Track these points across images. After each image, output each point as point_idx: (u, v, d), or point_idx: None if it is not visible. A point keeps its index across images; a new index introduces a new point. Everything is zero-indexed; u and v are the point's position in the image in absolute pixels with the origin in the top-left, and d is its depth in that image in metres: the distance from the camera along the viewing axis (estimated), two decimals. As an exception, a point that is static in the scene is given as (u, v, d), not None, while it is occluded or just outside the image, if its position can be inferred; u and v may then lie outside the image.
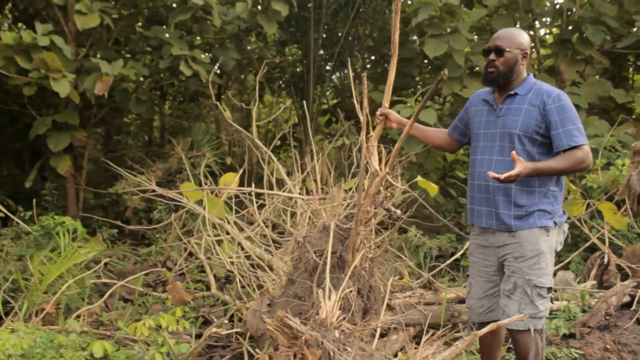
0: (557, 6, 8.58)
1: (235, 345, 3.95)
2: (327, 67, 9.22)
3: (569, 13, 8.45)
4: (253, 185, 7.29)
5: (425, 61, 9.16)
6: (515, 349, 2.92)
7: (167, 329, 3.83)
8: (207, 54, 8.01)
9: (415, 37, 9.31)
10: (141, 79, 7.85)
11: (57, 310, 4.26)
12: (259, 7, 7.38)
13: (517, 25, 8.53)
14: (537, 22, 8.35)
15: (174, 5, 7.47)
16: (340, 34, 9.01)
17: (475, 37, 9.05)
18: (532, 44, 8.69)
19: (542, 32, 9.76)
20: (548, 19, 8.96)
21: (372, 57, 10.37)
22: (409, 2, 8.99)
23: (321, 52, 9.40)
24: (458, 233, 6.88)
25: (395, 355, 3.39)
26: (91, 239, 5.94)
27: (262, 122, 10.12)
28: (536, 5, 8.12)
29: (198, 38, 8.96)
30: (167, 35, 7.10)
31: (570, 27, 8.03)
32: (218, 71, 9.15)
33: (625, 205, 4.76)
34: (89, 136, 7.99)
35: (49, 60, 5.86)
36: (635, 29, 7.50)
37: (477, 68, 7.41)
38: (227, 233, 5.18)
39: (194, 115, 10.64)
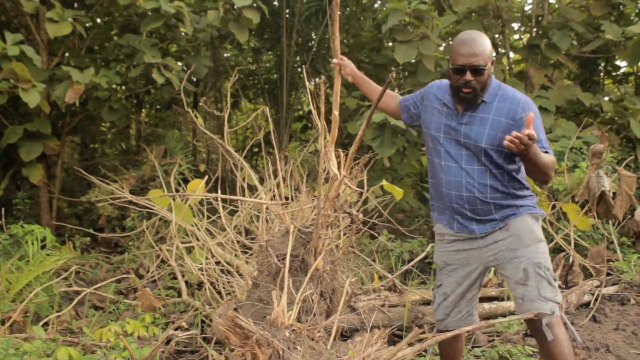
0: (530, 11, 8.74)
1: (204, 350, 3.98)
2: (302, 74, 9.29)
3: (539, 19, 8.60)
4: (227, 191, 7.34)
5: (400, 67, 9.28)
6: (545, 352, 2.66)
7: (134, 335, 3.87)
8: (180, 62, 8.06)
9: (390, 44, 9.44)
10: (115, 87, 7.87)
11: (25, 318, 4.26)
12: (232, 14, 7.43)
13: (486, 31, 8.67)
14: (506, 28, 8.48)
15: (149, 13, 7.51)
16: (313, 41, 9.09)
17: (450, 42, 9.21)
18: (503, 50, 8.85)
19: (516, 36, 9.92)
20: (517, 25, 9.10)
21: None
22: (384, 8, 9.12)
23: (297, 58, 9.47)
24: (430, 237, 6.95)
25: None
26: (62, 247, 5.94)
27: (238, 129, 10.19)
28: (505, 11, 8.27)
29: (174, 46, 9.01)
30: (139, 42, 7.13)
31: (540, 32, 8.18)
32: (194, 79, 9.20)
33: (587, 206, 4.87)
34: (63, 145, 7.98)
35: (18, 70, 5.86)
36: (601, 34, 7.65)
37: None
38: (198, 239, 5.21)
39: (170, 123, 10.67)
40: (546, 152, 2.56)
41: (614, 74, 9.98)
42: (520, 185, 2.76)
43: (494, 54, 2.63)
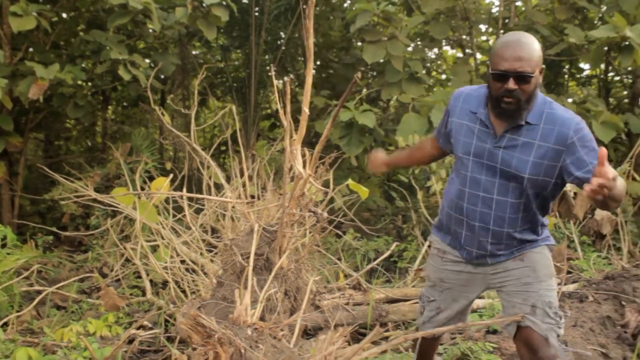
0: (497, 13, 8.87)
1: (167, 350, 3.95)
2: (270, 73, 9.27)
3: (506, 21, 8.73)
4: (194, 190, 7.29)
5: (369, 67, 9.33)
6: None
7: (96, 335, 3.82)
8: (148, 59, 7.97)
9: (359, 43, 9.48)
10: (81, 83, 7.76)
11: (-16, 318, 4.18)
12: (200, 11, 7.38)
13: (456, 33, 8.78)
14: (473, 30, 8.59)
15: (116, 9, 7.41)
16: (281, 40, 9.09)
17: (419, 43, 9.29)
18: (470, 51, 8.96)
19: (483, 38, 10.04)
20: (484, 27, 9.23)
21: (317, 62, 10.49)
22: (354, 8, 9.16)
23: (265, 57, 9.46)
24: (396, 235, 7.02)
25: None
26: (24, 246, 5.83)
27: (205, 127, 10.13)
28: (473, 13, 8.37)
29: (142, 43, 8.91)
30: (105, 39, 7.03)
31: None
32: (162, 76, 9.12)
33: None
34: (26, 141, 7.83)
35: (-21, 64, 5.74)
36: (565, 37, 7.80)
37: (417, 74, 7.55)
38: (163, 238, 5.17)
39: (137, 120, 10.55)
40: None
41: (577, 76, 10.18)
42: (544, 213, 2.51)
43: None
